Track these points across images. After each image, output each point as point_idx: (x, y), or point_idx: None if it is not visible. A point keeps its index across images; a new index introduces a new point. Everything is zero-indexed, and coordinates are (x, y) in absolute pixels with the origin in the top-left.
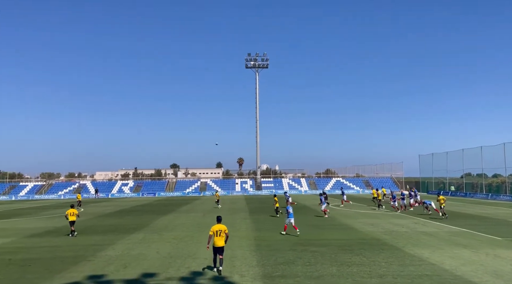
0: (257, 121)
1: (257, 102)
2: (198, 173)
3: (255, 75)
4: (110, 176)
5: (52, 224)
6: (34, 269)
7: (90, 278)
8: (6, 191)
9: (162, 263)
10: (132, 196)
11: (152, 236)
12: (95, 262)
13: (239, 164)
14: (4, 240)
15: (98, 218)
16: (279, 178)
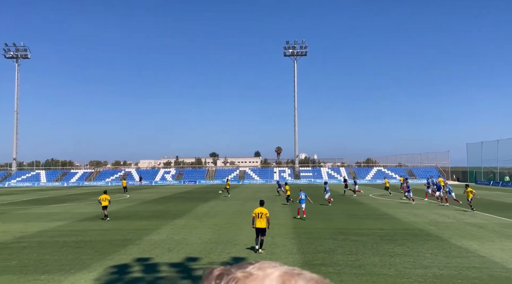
0: (295, 110)
1: (295, 90)
2: (237, 161)
3: (294, 64)
4: (153, 164)
5: (101, 209)
6: (86, 251)
7: (138, 260)
8: (58, 178)
9: (204, 248)
10: (174, 183)
11: (194, 222)
12: (142, 246)
13: (277, 153)
14: (58, 223)
15: (143, 204)
16: (317, 167)
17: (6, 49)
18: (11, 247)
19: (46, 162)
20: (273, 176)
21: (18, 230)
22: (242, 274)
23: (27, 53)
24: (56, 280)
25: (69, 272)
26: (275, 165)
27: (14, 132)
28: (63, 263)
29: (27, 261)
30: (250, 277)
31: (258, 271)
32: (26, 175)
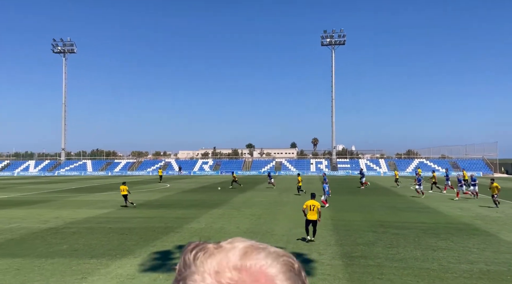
0: (332, 100)
1: (332, 80)
2: (273, 152)
3: (331, 53)
4: (191, 154)
5: (143, 198)
6: (131, 237)
7: (179, 247)
8: (103, 167)
9: (242, 237)
10: (211, 174)
11: (232, 212)
12: (182, 234)
13: (314, 144)
14: (104, 210)
15: (182, 193)
16: (355, 158)
17: (54, 45)
18: (62, 232)
19: (91, 152)
20: (310, 167)
21: (68, 216)
22: (212, 246)
23: (73, 47)
24: (104, 264)
25: (115, 256)
26: (311, 156)
27: (62, 124)
28: (109, 248)
29: (76, 245)
30: (219, 249)
31: (228, 244)
32: (73, 164)
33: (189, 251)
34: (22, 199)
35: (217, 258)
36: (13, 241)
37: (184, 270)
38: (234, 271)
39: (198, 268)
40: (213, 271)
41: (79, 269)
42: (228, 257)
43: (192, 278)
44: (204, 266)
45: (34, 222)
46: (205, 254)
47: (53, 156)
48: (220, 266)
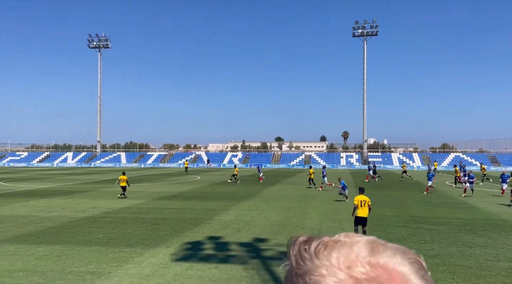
0: (364, 92)
1: (364, 72)
2: (302, 146)
3: (363, 44)
4: (221, 147)
5: (175, 189)
6: (163, 227)
7: (210, 238)
8: (136, 159)
9: (271, 230)
10: (240, 167)
11: (261, 204)
12: (213, 225)
13: (344, 137)
14: (137, 201)
15: (212, 186)
16: (387, 152)
17: (90, 40)
18: (99, 221)
19: (125, 144)
20: (340, 161)
21: (104, 206)
22: (330, 240)
23: (108, 43)
24: (138, 253)
25: (149, 246)
26: (341, 149)
27: (97, 117)
28: (143, 238)
29: (112, 234)
30: (338, 243)
31: (345, 238)
32: (108, 156)
33: (302, 244)
34: (61, 189)
35: (342, 252)
36: (53, 229)
37: (304, 263)
38: (368, 266)
39: (323, 262)
40: (345, 265)
41: (115, 257)
42: (356, 251)
43: (318, 271)
44: (329, 259)
45: (73, 211)
46: (326, 248)
47: (89, 148)
48: (350, 260)
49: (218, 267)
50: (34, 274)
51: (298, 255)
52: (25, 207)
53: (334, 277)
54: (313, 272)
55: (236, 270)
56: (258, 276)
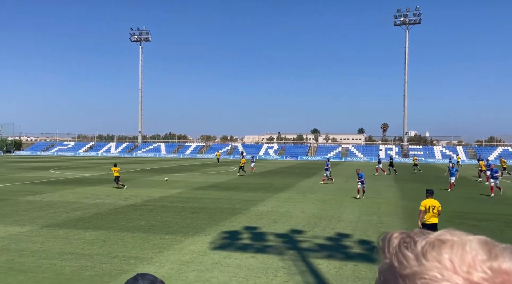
0: (405, 83)
1: (406, 62)
2: (339, 138)
3: (405, 33)
4: (257, 139)
5: (212, 179)
6: (201, 216)
7: (246, 228)
8: (175, 150)
9: (308, 222)
10: (276, 158)
11: (297, 196)
12: (249, 215)
13: (383, 129)
14: (176, 190)
15: (248, 177)
16: (429, 145)
17: (131, 34)
18: (140, 209)
19: (165, 135)
20: (379, 153)
21: (145, 194)
22: (436, 238)
23: (148, 36)
24: (178, 240)
25: (188, 234)
26: (380, 142)
27: (139, 108)
28: (182, 226)
29: (153, 222)
30: (447, 242)
31: (453, 236)
32: (149, 146)
33: (402, 241)
34: (105, 177)
35: (455, 253)
36: (99, 215)
37: (408, 263)
38: (490, 271)
39: (434, 264)
40: (462, 269)
41: (156, 243)
42: (471, 253)
43: (430, 274)
44: (441, 261)
45: (116, 199)
46: (434, 248)
47: (131, 139)
48: (467, 263)
49: (255, 256)
50: (82, 257)
51: (400, 253)
52: (72, 194)
53: (450, 281)
54: (423, 274)
55: (273, 260)
56: (295, 267)
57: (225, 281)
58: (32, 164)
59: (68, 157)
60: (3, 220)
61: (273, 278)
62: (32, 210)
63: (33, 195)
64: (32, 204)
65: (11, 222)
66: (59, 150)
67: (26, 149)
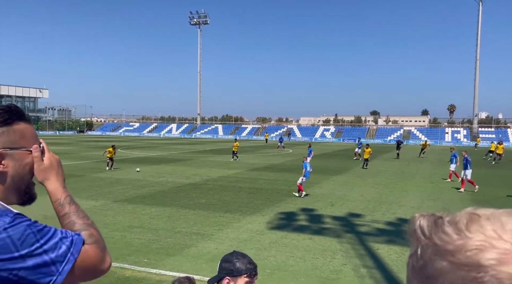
0: (477, 60)
1: (478, 38)
2: (400, 120)
3: (479, 5)
4: (313, 121)
5: (267, 161)
6: (258, 196)
7: (303, 210)
8: (232, 132)
9: (366, 206)
10: (333, 141)
11: (355, 180)
12: (305, 198)
13: (450, 111)
14: (234, 171)
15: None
16: (503, 127)
17: (190, 17)
18: (200, 188)
19: (222, 117)
20: (444, 136)
21: (204, 174)
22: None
23: (207, 19)
24: (236, 219)
25: (246, 213)
26: (446, 124)
27: (198, 91)
28: (240, 205)
29: (213, 200)
30: (482, 216)
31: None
32: (207, 128)
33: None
34: (168, 157)
35: (494, 223)
36: (163, 192)
37: (450, 238)
38: None
39: (478, 235)
40: (509, 235)
41: (216, 221)
42: (508, 222)
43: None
44: (485, 232)
45: (178, 177)
46: (472, 221)
47: (190, 120)
48: (508, 230)
49: (312, 238)
50: (149, 231)
51: (440, 231)
52: (138, 172)
53: (499, 248)
54: (470, 246)
55: (330, 243)
56: (353, 250)
57: (282, 260)
58: (102, 143)
59: (133, 137)
60: (80, 194)
61: (331, 260)
62: (104, 185)
63: (104, 172)
64: (104, 180)
65: (86, 196)
66: (125, 131)
67: (96, 129)
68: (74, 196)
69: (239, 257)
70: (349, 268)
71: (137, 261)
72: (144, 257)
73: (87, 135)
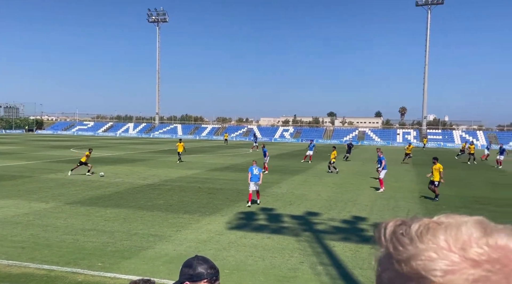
0: (425, 65)
1: (427, 44)
2: (356, 122)
3: (427, 14)
4: (272, 121)
5: (228, 161)
6: (218, 197)
7: (262, 210)
8: (191, 131)
9: (323, 204)
10: (292, 141)
11: (313, 179)
12: (265, 197)
13: (401, 113)
14: (193, 171)
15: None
16: (449, 129)
17: (149, 14)
18: (159, 188)
19: (181, 116)
20: (396, 137)
21: (163, 174)
22: (431, 221)
23: (165, 17)
24: (195, 219)
25: (205, 213)
26: (398, 126)
27: (156, 90)
28: (200, 206)
29: (171, 201)
30: (442, 224)
31: (448, 219)
32: (166, 127)
33: (397, 227)
34: (124, 157)
35: (449, 233)
36: (119, 193)
37: (404, 248)
38: (486, 247)
39: (429, 245)
40: (457, 247)
41: (175, 222)
42: (466, 232)
43: (426, 255)
44: (436, 242)
45: (135, 178)
46: (429, 230)
47: (148, 120)
48: (462, 241)
49: (271, 237)
50: (104, 234)
51: (395, 239)
52: (102, 177)
53: (446, 260)
54: (419, 256)
55: (289, 241)
56: (310, 248)
57: (241, 260)
58: (53, 143)
59: (87, 136)
60: (29, 196)
61: (289, 258)
62: (55, 187)
63: (56, 173)
64: (55, 181)
65: (35, 199)
66: (79, 130)
67: (47, 128)
68: (23, 198)
69: (201, 261)
70: (306, 266)
71: (90, 265)
72: (98, 261)
73: (37, 135)
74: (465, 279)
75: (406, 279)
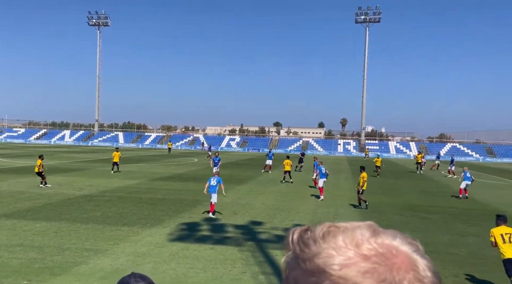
0: (364, 80)
1: (365, 60)
2: (300, 132)
3: (365, 31)
4: (219, 130)
5: (171, 170)
6: (160, 207)
7: (206, 220)
8: (134, 140)
9: (267, 213)
10: (238, 150)
11: (258, 188)
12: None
13: (342, 124)
14: (135, 181)
15: (209, 168)
16: (385, 140)
17: (89, 17)
18: (96, 200)
19: (123, 124)
20: (337, 148)
21: (101, 184)
22: (332, 225)
23: (107, 21)
24: (135, 232)
25: (146, 225)
26: (339, 136)
27: (96, 96)
28: (140, 217)
29: (109, 213)
30: (341, 228)
31: (346, 224)
32: (106, 135)
33: (303, 232)
34: (58, 166)
35: (347, 234)
36: (50, 205)
37: (309, 249)
38: (375, 244)
39: (330, 244)
40: (352, 245)
41: (112, 235)
42: (359, 233)
43: (326, 252)
44: (336, 242)
45: (70, 189)
46: (330, 233)
47: (87, 127)
48: (356, 240)
49: (214, 248)
50: (32, 249)
51: (301, 242)
52: (22, 183)
53: (343, 256)
54: (321, 254)
55: (231, 252)
56: (253, 258)
57: (182, 273)
58: None
59: (17, 144)
60: None
61: (231, 269)
62: None
63: None
64: None
65: None
66: (7, 137)
67: None
68: None
69: (138, 279)
70: (248, 275)
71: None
72: (23, 279)
73: None
74: (358, 271)
75: (309, 275)
